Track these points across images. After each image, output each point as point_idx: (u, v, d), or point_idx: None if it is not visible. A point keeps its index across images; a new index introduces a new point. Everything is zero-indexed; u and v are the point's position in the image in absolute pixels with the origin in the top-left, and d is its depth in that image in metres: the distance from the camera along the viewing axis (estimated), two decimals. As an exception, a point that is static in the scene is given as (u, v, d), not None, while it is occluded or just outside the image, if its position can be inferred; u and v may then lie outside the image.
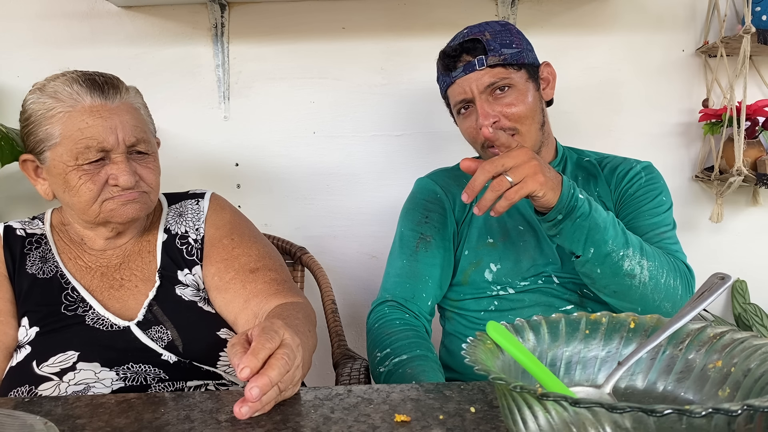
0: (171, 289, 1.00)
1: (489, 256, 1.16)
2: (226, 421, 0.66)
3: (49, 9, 1.68)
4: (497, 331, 0.60)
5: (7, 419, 0.62)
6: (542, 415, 0.48)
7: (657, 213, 1.12)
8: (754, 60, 1.65)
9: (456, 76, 1.12)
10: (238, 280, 1.01)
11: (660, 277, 0.99)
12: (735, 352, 0.58)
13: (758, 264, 1.72)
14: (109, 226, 1.00)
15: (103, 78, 0.97)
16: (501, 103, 1.10)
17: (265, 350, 0.66)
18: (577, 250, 0.98)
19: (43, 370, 0.90)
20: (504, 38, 1.12)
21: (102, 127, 0.93)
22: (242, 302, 0.99)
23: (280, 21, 1.68)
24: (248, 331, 0.72)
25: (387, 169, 1.72)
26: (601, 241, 0.96)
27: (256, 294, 0.99)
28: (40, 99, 0.94)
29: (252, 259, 1.03)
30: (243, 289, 1.00)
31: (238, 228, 1.08)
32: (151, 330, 0.96)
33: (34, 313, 0.95)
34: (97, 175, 0.94)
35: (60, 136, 0.93)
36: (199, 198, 1.10)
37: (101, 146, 0.92)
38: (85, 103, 0.93)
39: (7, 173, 1.61)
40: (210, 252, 1.04)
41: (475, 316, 1.17)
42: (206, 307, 1.01)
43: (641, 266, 0.97)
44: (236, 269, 1.02)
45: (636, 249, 0.98)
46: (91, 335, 0.93)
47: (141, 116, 1.00)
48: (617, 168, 1.18)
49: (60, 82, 0.94)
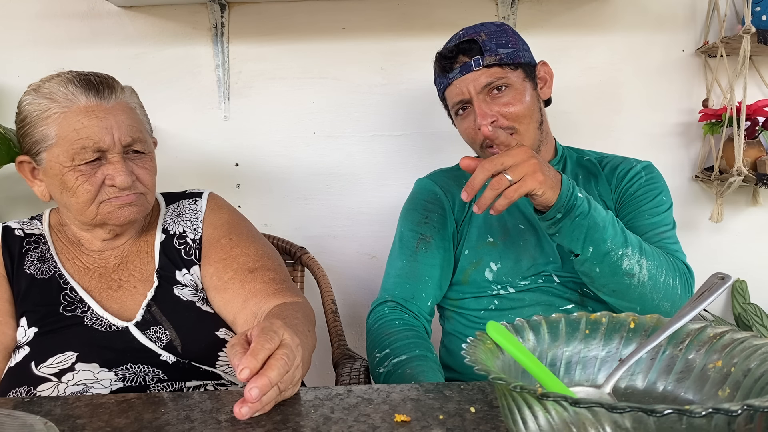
0: (169, 290, 1.00)
1: (489, 255, 1.16)
2: (226, 421, 0.66)
3: (49, 9, 1.68)
4: (497, 331, 0.60)
5: (7, 419, 0.62)
6: (542, 415, 0.48)
7: (657, 213, 1.12)
8: (754, 60, 1.65)
9: (453, 77, 1.13)
10: (237, 280, 1.00)
11: (659, 276, 0.99)
12: (735, 352, 0.58)
13: (758, 264, 1.72)
14: (107, 228, 1.00)
15: (98, 78, 0.97)
16: (498, 103, 1.10)
17: (264, 351, 0.66)
18: (576, 248, 0.99)
19: (41, 370, 0.90)
20: (500, 38, 1.12)
21: (98, 127, 0.92)
22: (241, 302, 0.99)
23: (280, 21, 1.68)
24: (248, 331, 0.72)
25: (387, 169, 1.72)
26: (600, 239, 0.96)
27: (254, 294, 0.99)
28: (35, 100, 0.94)
29: (250, 258, 1.03)
30: (242, 289, 1.00)
31: (236, 228, 1.08)
32: (149, 330, 0.95)
33: (32, 314, 0.95)
34: (93, 176, 0.93)
35: (56, 136, 0.92)
36: (196, 197, 1.10)
37: (97, 146, 0.92)
38: (81, 103, 0.93)
39: (5, 174, 1.61)
40: (208, 252, 1.04)
41: (474, 315, 1.17)
42: (205, 307, 1.00)
43: (640, 265, 0.98)
44: (234, 269, 1.01)
45: (635, 248, 0.98)
46: (90, 336, 0.93)
47: (137, 116, 1.00)
48: (618, 167, 1.18)
49: (55, 83, 0.94)
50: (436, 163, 1.38)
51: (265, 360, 0.66)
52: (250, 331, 0.71)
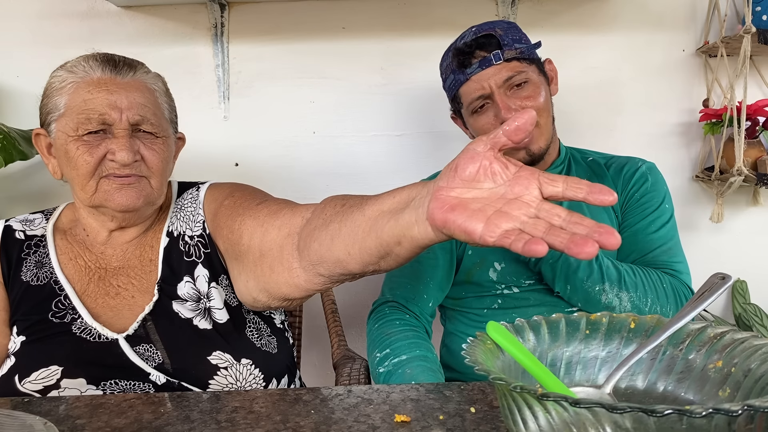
0: (168, 305, 0.94)
1: (493, 254, 1.16)
2: (226, 421, 0.66)
3: (49, 9, 1.68)
4: (497, 331, 0.60)
5: (6, 419, 0.62)
6: (542, 415, 0.48)
7: (659, 224, 1.13)
8: (755, 60, 1.65)
9: (471, 73, 1.11)
10: (248, 215, 0.91)
11: (643, 306, 1.04)
12: (735, 352, 0.58)
13: (758, 264, 1.72)
14: (108, 213, 0.95)
15: (123, 58, 0.96)
16: (519, 97, 1.10)
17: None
18: (554, 287, 1.09)
19: (25, 386, 0.86)
20: (514, 34, 1.12)
21: (106, 100, 0.90)
22: (260, 229, 0.87)
23: (280, 21, 1.68)
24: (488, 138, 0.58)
25: (387, 168, 1.72)
26: (576, 279, 1.05)
27: (271, 214, 0.87)
28: (58, 74, 0.94)
29: (257, 197, 0.95)
30: (255, 220, 0.88)
31: (238, 189, 1.00)
32: (140, 347, 0.90)
33: (22, 322, 0.92)
34: (95, 148, 0.90)
35: (65, 106, 0.92)
36: (199, 185, 1.06)
37: (102, 119, 0.90)
38: (95, 76, 0.92)
39: (7, 173, 1.61)
40: (215, 223, 0.97)
41: (477, 314, 1.17)
42: (202, 325, 0.93)
43: (619, 298, 1.04)
44: (244, 208, 0.92)
45: (613, 283, 1.04)
46: (77, 347, 0.89)
47: (154, 98, 0.96)
48: (623, 168, 1.19)
49: (81, 59, 0.94)
50: (437, 163, 1.38)
51: None
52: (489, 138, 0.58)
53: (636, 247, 1.12)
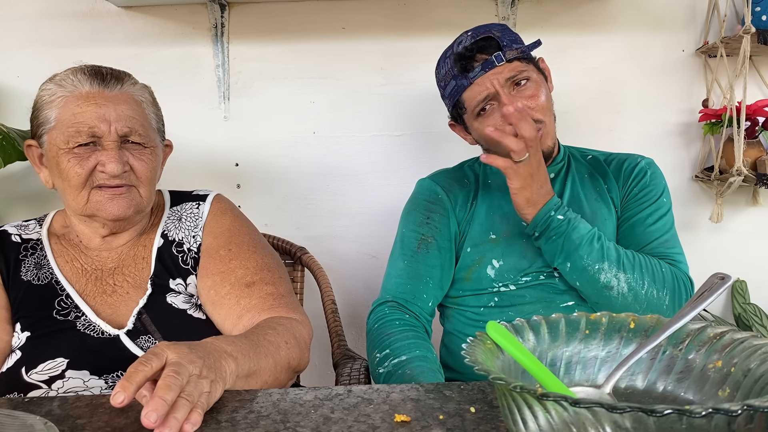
0: (162, 298, 0.98)
1: (491, 252, 1.16)
2: (226, 421, 0.66)
3: (50, 9, 1.68)
4: (497, 331, 0.60)
5: (7, 419, 0.62)
6: (542, 415, 0.48)
7: (658, 216, 1.14)
8: (754, 60, 1.65)
9: (474, 77, 1.11)
10: (233, 294, 0.98)
11: (640, 288, 1.04)
12: (735, 352, 0.58)
13: (758, 264, 1.72)
14: (99, 221, 0.98)
15: (110, 70, 0.98)
16: (524, 96, 1.11)
17: (140, 374, 0.63)
18: (553, 263, 1.09)
19: (32, 377, 0.89)
20: (510, 35, 1.13)
21: (95, 113, 0.93)
22: (236, 318, 0.97)
23: (280, 21, 1.68)
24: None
25: (387, 169, 1.72)
26: (576, 256, 1.05)
27: (249, 309, 0.96)
28: (47, 87, 0.97)
29: (249, 272, 1.00)
30: (237, 305, 0.97)
31: (236, 236, 1.04)
32: (140, 339, 0.94)
33: (26, 318, 0.94)
34: (86, 160, 0.93)
35: (55, 119, 0.94)
36: (200, 201, 1.08)
37: (92, 131, 0.93)
38: (83, 89, 0.95)
39: (7, 173, 1.61)
40: (206, 263, 1.02)
41: (474, 311, 1.17)
42: (196, 314, 0.99)
43: (618, 279, 1.04)
44: (232, 283, 0.99)
45: (612, 263, 1.05)
46: (81, 342, 0.92)
47: (141, 109, 0.99)
48: (624, 163, 1.21)
49: (69, 72, 0.96)
50: (437, 163, 1.38)
51: (142, 383, 0.63)
52: None
53: (634, 238, 1.14)
